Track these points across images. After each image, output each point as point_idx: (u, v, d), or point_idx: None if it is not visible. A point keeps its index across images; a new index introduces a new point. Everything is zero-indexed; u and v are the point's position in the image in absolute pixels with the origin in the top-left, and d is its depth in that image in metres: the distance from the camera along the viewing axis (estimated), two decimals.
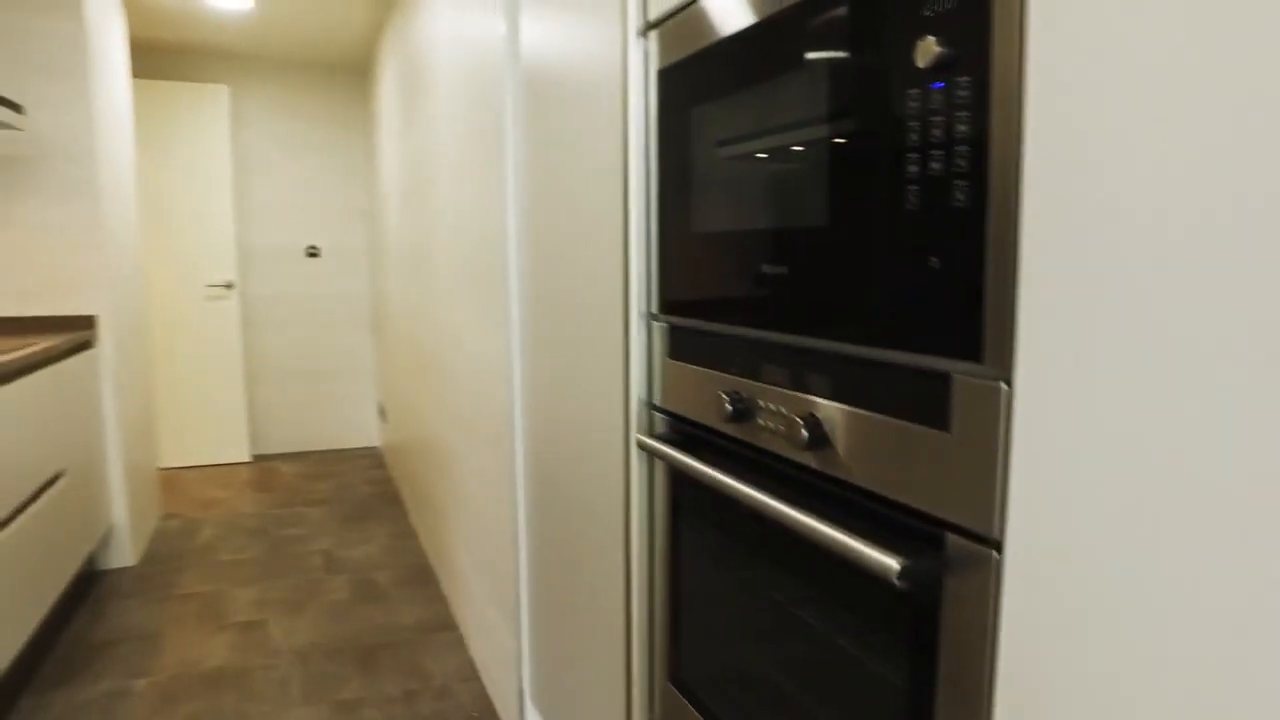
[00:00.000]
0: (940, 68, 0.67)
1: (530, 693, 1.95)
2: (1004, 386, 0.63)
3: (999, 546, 0.64)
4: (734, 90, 0.98)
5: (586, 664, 1.56)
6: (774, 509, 0.85)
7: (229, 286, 4.60)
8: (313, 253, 4.96)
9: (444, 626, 2.62)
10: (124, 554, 3.11)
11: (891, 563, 0.69)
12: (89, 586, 2.93)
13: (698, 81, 1.06)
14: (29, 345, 2.46)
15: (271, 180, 4.79)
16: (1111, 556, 0.54)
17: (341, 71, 4.85)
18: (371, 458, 4.86)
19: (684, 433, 1.16)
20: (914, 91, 0.70)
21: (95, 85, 2.97)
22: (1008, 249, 0.62)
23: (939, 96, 0.68)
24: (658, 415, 1.23)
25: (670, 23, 1.12)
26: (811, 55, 0.83)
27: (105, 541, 3.09)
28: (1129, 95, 0.52)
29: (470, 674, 2.33)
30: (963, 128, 0.65)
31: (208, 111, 4.44)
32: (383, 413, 4.79)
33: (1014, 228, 0.61)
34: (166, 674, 2.31)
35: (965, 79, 0.65)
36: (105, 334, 3.01)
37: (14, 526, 2.13)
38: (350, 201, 4.97)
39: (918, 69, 0.69)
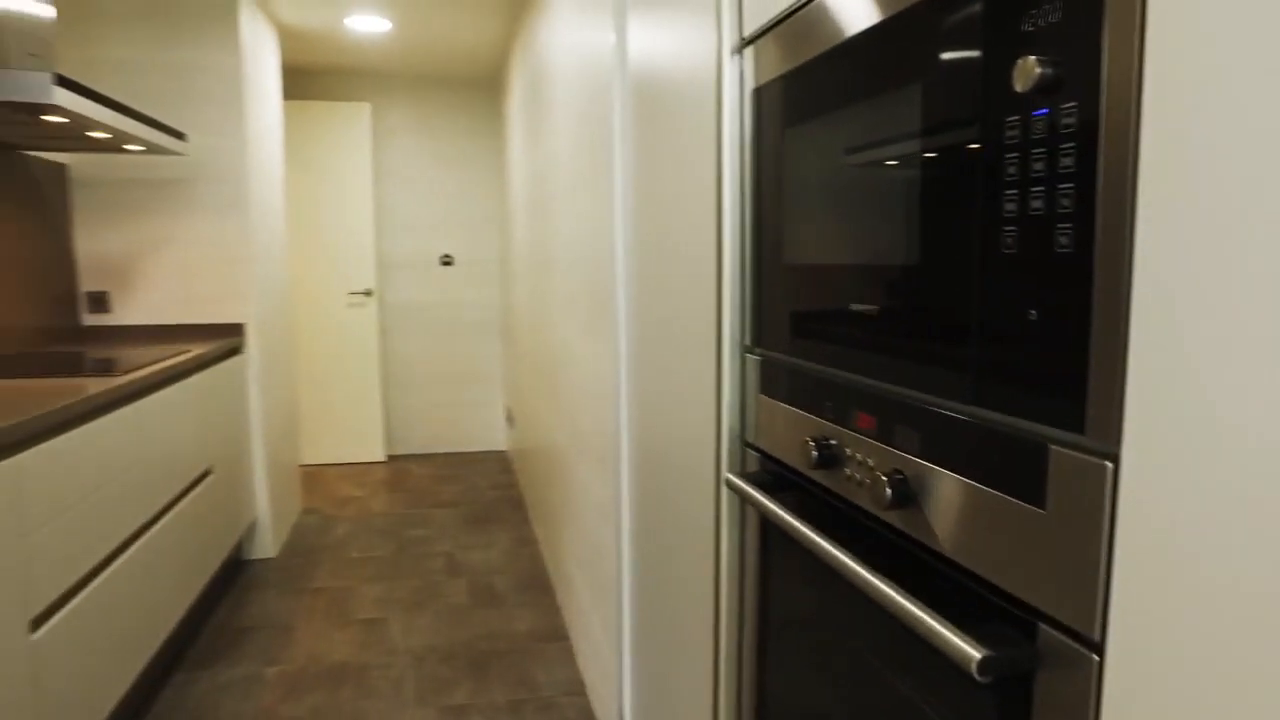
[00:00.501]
0: (1042, 91, 0.59)
1: (630, 717, 1.92)
2: (1109, 465, 0.54)
3: (1100, 649, 0.55)
4: (821, 113, 0.91)
5: (677, 697, 1.51)
6: (854, 572, 0.77)
7: (368, 294, 4.84)
8: (447, 261, 5.14)
9: (556, 637, 2.64)
10: (266, 546, 3.32)
11: (972, 652, 0.61)
12: (234, 575, 3.14)
13: (789, 102, 0.99)
14: (185, 351, 2.66)
15: (409, 192, 5.01)
16: (1232, 681, 0.45)
17: (476, 86, 5.00)
18: (499, 461, 4.99)
19: (775, 472, 1.09)
20: (1013, 119, 0.62)
21: (248, 111, 3.18)
22: (1118, 305, 0.53)
23: (1041, 125, 0.59)
24: (750, 452, 1.17)
25: (766, 38, 1.06)
26: (899, 78, 0.76)
27: (250, 534, 3.30)
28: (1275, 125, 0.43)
29: (577, 689, 2.33)
30: (1067, 161, 0.57)
31: (351, 128, 4.69)
32: (510, 418, 4.91)
33: (1125, 281, 0.52)
34: (295, 665, 2.44)
35: (1071, 104, 0.56)
36: (253, 340, 3.22)
37: (168, 519, 2.30)
38: (483, 211, 5.12)
39: (1017, 93, 0.61)
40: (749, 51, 1.11)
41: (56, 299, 2.92)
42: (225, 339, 3.06)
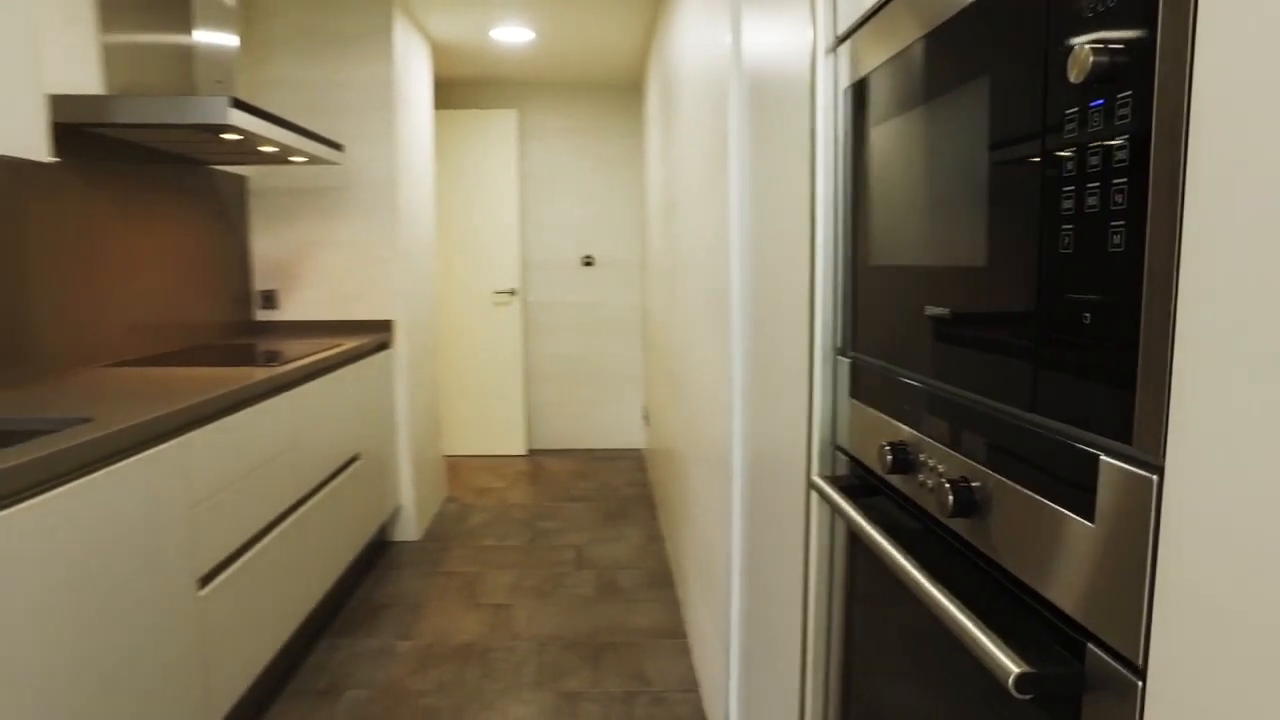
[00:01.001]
0: (1098, 81, 0.56)
1: (735, 717, 1.93)
2: (1154, 478, 0.51)
3: (1142, 674, 0.52)
4: (899, 111, 0.89)
5: (772, 701, 1.50)
6: (910, 576, 0.76)
7: (512, 293, 5.06)
8: (588, 262, 5.29)
9: (674, 634, 2.67)
10: (409, 530, 3.54)
11: (1010, 666, 0.59)
12: (379, 554, 3.37)
13: (873, 100, 0.97)
14: (337, 346, 2.88)
15: (553, 194, 5.19)
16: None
17: (617, 89, 5.12)
18: (634, 459, 5.08)
19: (861, 477, 1.08)
20: (1072, 112, 0.59)
21: (399, 121, 3.40)
22: (1166, 307, 0.50)
23: (1098, 117, 0.56)
24: (840, 455, 1.15)
25: (856, 35, 1.04)
26: (968, 72, 0.73)
27: (394, 517, 3.53)
28: None
29: (690, 685, 2.35)
30: (1121, 155, 0.54)
31: (498, 134, 4.91)
32: (646, 417, 4.98)
33: (1171, 279, 0.49)
34: (425, 640, 2.60)
35: (1127, 94, 0.53)
36: (400, 335, 3.44)
37: (318, 498, 2.50)
38: (624, 214, 5.23)
39: (1074, 85, 0.58)
40: (843, 49, 1.09)
41: (235, 297, 3.24)
42: (375, 334, 3.29)
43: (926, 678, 0.88)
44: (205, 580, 1.82)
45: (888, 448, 0.90)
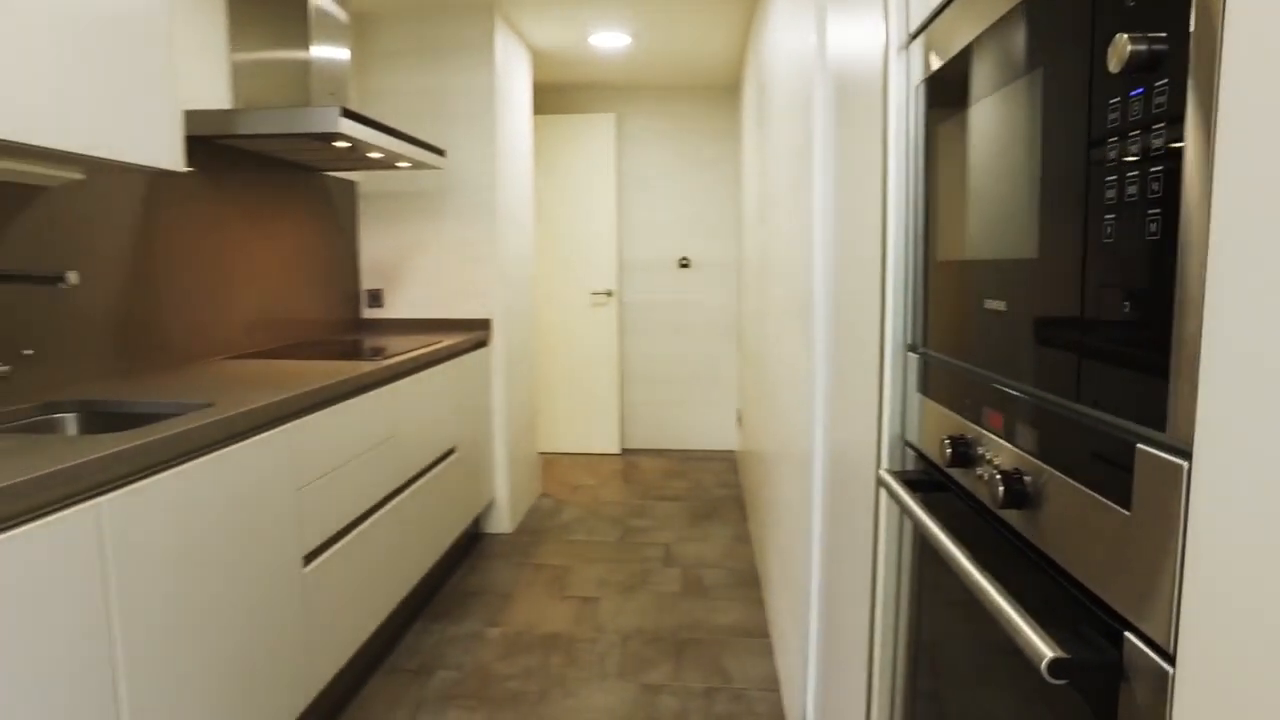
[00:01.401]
0: (1138, 70, 0.56)
1: (812, 717, 1.92)
2: (1184, 464, 0.51)
3: (1173, 660, 0.52)
4: (964, 106, 0.89)
5: (844, 702, 1.50)
6: (957, 562, 0.76)
7: (609, 294, 5.14)
8: (684, 264, 5.33)
9: (757, 633, 2.68)
10: (503, 522, 3.66)
11: (1044, 650, 0.59)
12: (473, 545, 3.50)
13: (942, 98, 0.98)
14: (438, 342, 3.02)
15: (650, 196, 5.25)
16: None
17: (715, 91, 5.14)
18: (727, 461, 5.08)
19: (927, 472, 1.07)
20: (1114, 101, 0.59)
21: (499, 126, 3.53)
22: (1197, 292, 0.50)
23: (1137, 106, 0.56)
24: (909, 451, 1.15)
25: (927, 31, 1.04)
26: (1027, 64, 0.73)
27: (489, 510, 3.66)
28: None
29: (771, 685, 2.36)
30: (1157, 143, 0.54)
31: (597, 138, 5.01)
32: (739, 419, 4.98)
33: (1201, 265, 0.49)
34: (514, 628, 2.69)
35: (1164, 82, 0.53)
36: (498, 334, 3.56)
37: (415, 487, 2.63)
38: (721, 215, 5.24)
39: (1115, 74, 0.58)
40: (915, 45, 1.10)
41: (345, 296, 3.43)
42: (474, 332, 3.42)
43: (993, 682, 0.88)
44: (309, 558, 1.95)
45: (948, 441, 0.90)
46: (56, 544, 1.18)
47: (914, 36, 1.10)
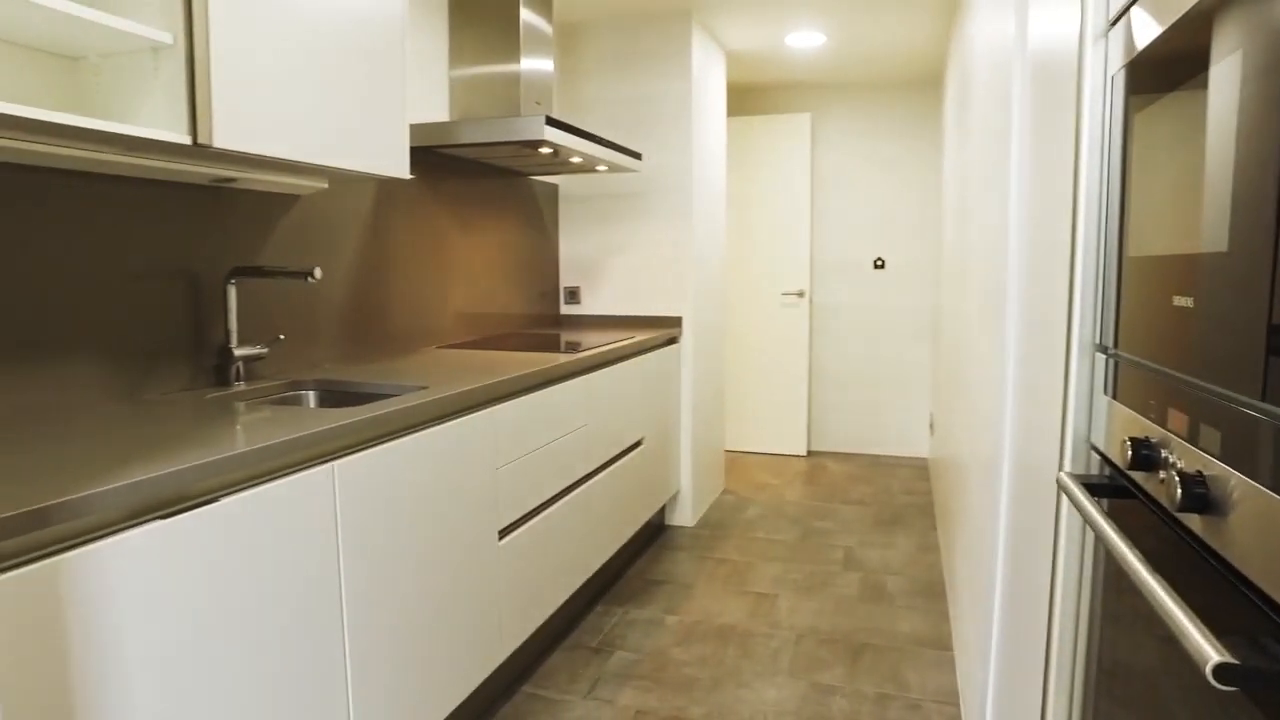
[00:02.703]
0: None
1: None
2: None
3: None
4: (1161, 94, 0.85)
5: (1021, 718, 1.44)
6: (1128, 561, 0.73)
7: (800, 295, 5.11)
8: (879, 264, 5.19)
9: (937, 645, 2.59)
10: (685, 515, 3.76)
11: (1210, 653, 0.57)
12: (656, 535, 3.62)
13: (1140, 86, 0.93)
14: (630, 338, 3.15)
15: (845, 196, 5.16)
16: None
17: (914, 87, 4.97)
18: (916, 468, 4.91)
19: (1112, 477, 1.02)
20: None
21: (695, 130, 3.62)
22: None
23: None
24: (1095, 456, 1.10)
25: (1127, 16, 0.99)
26: (1225, 46, 0.70)
27: (673, 502, 3.77)
28: None
29: (949, 698, 2.28)
30: None
31: (791, 138, 4.99)
32: (932, 425, 4.80)
33: None
34: (691, 617, 2.76)
35: None
36: (688, 332, 3.66)
37: (603, 475, 2.78)
38: (919, 215, 5.07)
39: None
40: (1114, 32, 1.05)
41: (544, 292, 3.66)
42: (665, 329, 3.54)
43: (1181, 708, 0.83)
44: (504, 533, 2.12)
45: (1128, 443, 0.87)
46: (302, 495, 1.39)
47: (1113, 23, 1.05)
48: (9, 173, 1.48)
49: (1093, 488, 1.00)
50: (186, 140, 1.47)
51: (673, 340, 3.59)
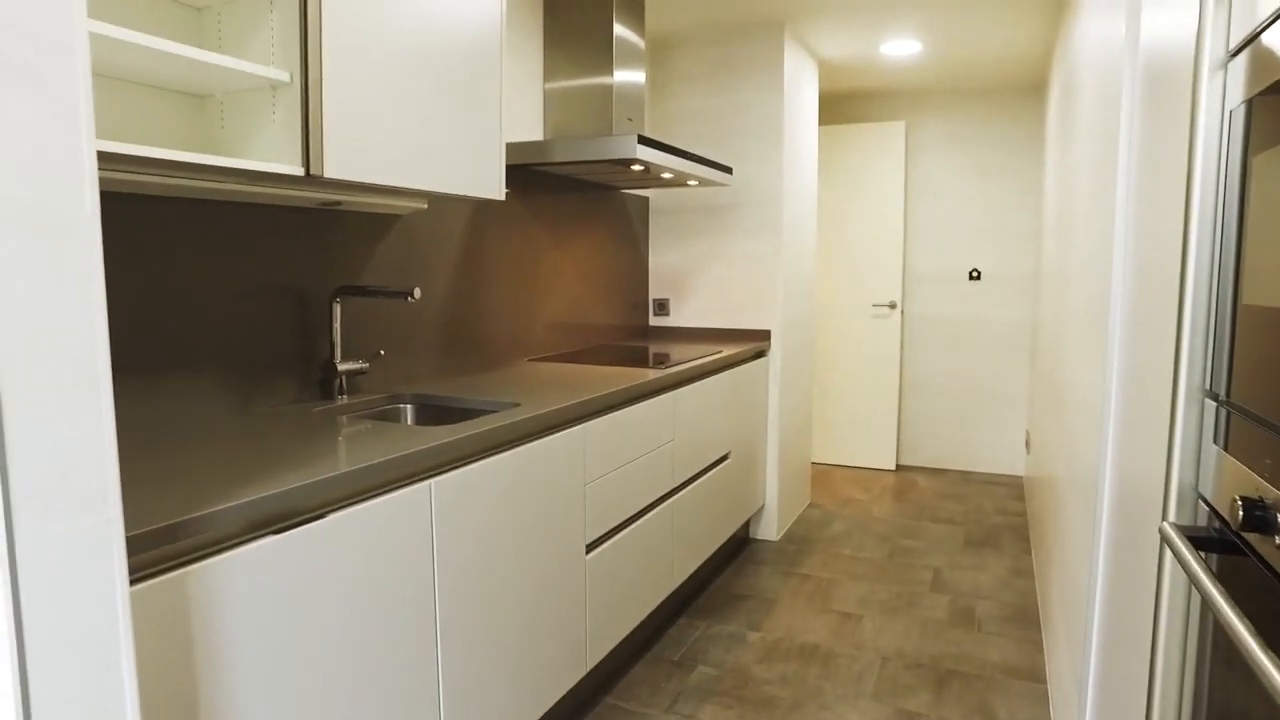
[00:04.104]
0: None
1: None
2: None
3: None
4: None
5: None
6: (1240, 636, 0.71)
7: (892, 306, 5.01)
8: (974, 275, 5.05)
9: (1029, 676, 2.51)
10: (770, 529, 3.74)
11: None
12: (740, 548, 3.61)
13: (1266, 122, 0.89)
14: (719, 352, 3.16)
15: (940, 205, 5.04)
16: None
17: (1015, 93, 4.81)
18: (1010, 486, 4.75)
19: (1221, 531, 0.98)
20: None
21: (786, 141, 3.60)
22: None
23: None
24: (1203, 506, 1.06)
25: (1252, 47, 0.95)
26: None
27: (758, 516, 3.75)
28: None
29: None
30: None
31: (884, 146, 4.90)
32: (1028, 443, 4.63)
33: None
34: (774, 634, 2.75)
35: None
36: (777, 345, 3.64)
37: (690, 489, 2.79)
38: (1017, 225, 4.90)
39: None
40: (1236, 63, 1.00)
41: (634, 304, 3.70)
42: (753, 343, 3.53)
43: None
44: (591, 547, 2.16)
45: (1239, 502, 0.83)
46: (402, 512, 1.45)
47: (1234, 54, 1.01)
48: (138, 203, 1.60)
49: (1198, 541, 0.97)
50: (300, 172, 1.56)
51: (760, 354, 3.58)
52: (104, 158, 1.29)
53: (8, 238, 0.78)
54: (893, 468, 5.10)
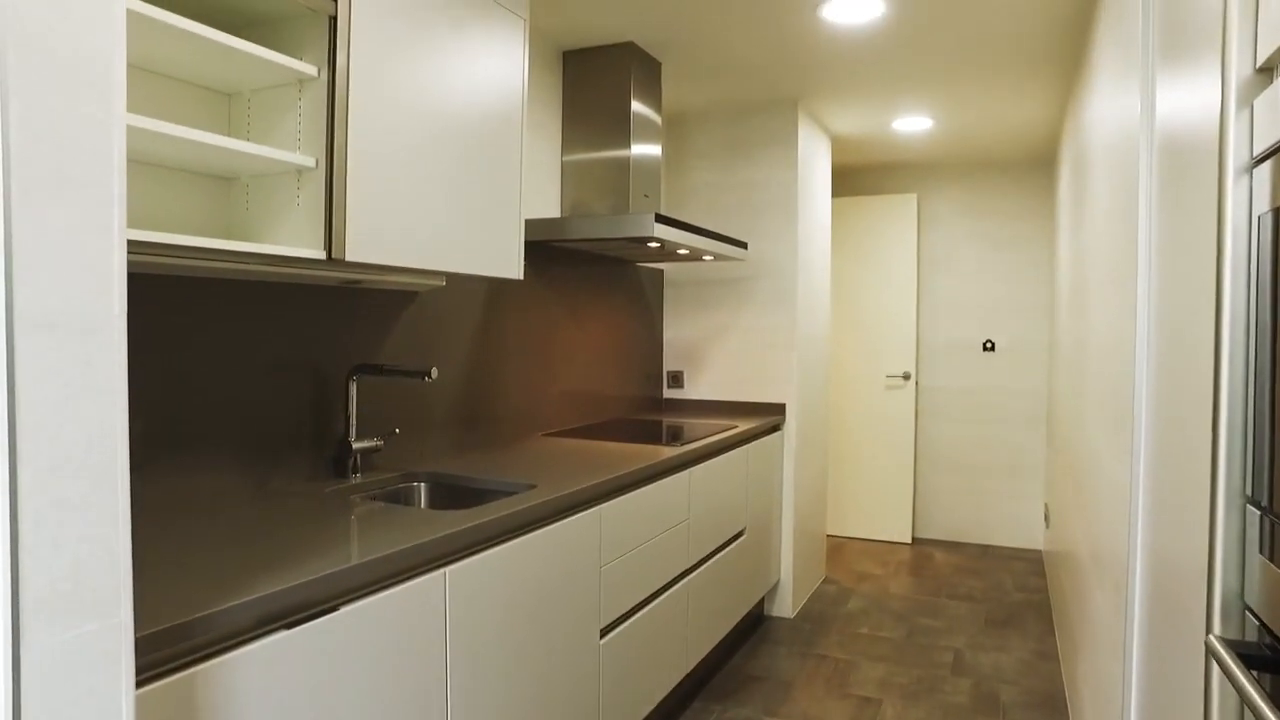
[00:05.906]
0: None
1: None
2: None
3: None
4: None
5: None
6: None
7: (906, 377, 4.99)
8: (989, 347, 5.03)
9: None
10: (785, 606, 3.65)
11: None
12: (754, 627, 3.52)
13: None
14: (734, 426, 3.14)
15: (953, 277, 5.05)
16: None
17: (1026, 166, 4.86)
18: (1029, 561, 4.65)
19: (1275, 648, 0.94)
20: None
21: (800, 215, 3.63)
22: None
23: None
24: (1250, 618, 1.02)
25: (1279, 156, 0.95)
26: None
27: (772, 592, 3.67)
28: None
29: None
30: None
31: (897, 218, 4.94)
32: (1047, 516, 4.55)
33: None
34: None
35: None
36: (792, 418, 3.62)
37: (705, 569, 2.74)
38: (1030, 296, 4.91)
39: None
40: (1261, 170, 1.00)
41: (648, 376, 3.69)
42: (768, 416, 3.51)
43: None
44: (605, 631, 2.10)
45: None
46: (416, 602, 1.42)
47: (1258, 161, 1.00)
48: (157, 283, 1.61)
49: (1250, 660, 0.93)
50: (322, 256, 1.57)
51: (775, 428, 3.55)
52: (132, 245, 1.30)
53: (35, 340, 0.78)
54: (909, 540, 5.01)
